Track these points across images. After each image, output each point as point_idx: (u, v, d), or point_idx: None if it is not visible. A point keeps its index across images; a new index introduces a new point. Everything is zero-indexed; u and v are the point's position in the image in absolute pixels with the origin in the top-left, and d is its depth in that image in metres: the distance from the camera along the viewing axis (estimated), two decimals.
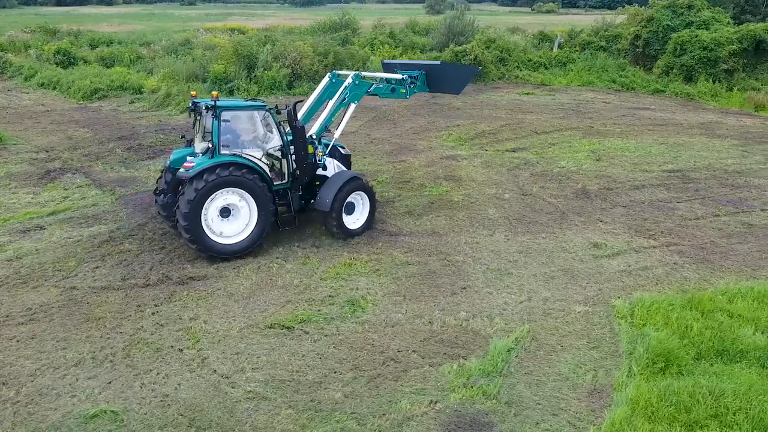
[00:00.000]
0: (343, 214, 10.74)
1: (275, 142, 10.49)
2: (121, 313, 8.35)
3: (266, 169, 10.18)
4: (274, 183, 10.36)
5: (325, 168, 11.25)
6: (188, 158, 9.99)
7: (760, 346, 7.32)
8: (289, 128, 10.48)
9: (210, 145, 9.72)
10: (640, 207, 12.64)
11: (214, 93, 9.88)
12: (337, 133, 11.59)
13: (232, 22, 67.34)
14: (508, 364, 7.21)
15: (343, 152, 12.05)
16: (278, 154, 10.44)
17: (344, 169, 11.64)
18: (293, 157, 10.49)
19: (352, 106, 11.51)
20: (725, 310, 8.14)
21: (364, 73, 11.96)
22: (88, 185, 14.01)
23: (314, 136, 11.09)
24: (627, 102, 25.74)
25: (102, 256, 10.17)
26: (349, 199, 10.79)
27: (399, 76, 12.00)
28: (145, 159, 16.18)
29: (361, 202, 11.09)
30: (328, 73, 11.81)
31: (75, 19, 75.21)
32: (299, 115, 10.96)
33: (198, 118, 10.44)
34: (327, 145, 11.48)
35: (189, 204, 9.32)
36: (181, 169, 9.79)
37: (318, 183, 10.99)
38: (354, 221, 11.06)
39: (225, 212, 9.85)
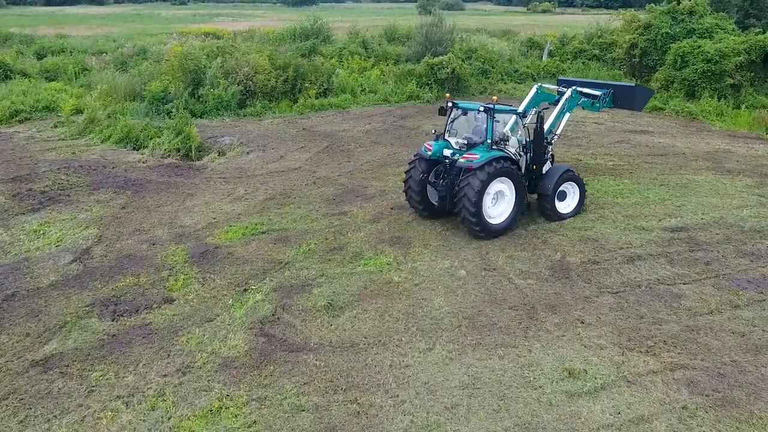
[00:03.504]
0: (557, 200, 12.58)
1: (518, 141, 12.38)
2: None
3: (520, 161, 12.21)
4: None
5: (546, 163, 12.91)
6: (446, 152, 11.92)
7: None
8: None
9: (468, 139, 11.91)
10: (634, 294, 9.62)
11: (494, 98, 11.86)
12: (557, 136, 13.63)
13: (217, 23, 64.26)
14: None
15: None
16: (521, 150, 12.40)
17: (557, 164, 13.31)
18: (531, 154, 12.42)
19: (567, 115, 13.88)
20: None
21: (578, 89, 14.04)
22: None
23: (547, 138, 12.97)
24: (622, 122, 22.75)
25: None
26: (561, 188, 12.66)
27: (598, 93, 14.13)
28: (27, 212, 13.12)
29: (572, 191, 12.94)
30: (534, 86, 14.29)
31: (59, 20, 72.22)
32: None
33: (456, 116, 12.37)
34: (551, 144, 13.26)
35: (477, 190, 11.00)
36: (462, 160, 11.34)
37: (535, 176, 12.63)
38: (565, 207, 12.83)
39: (494, 197, 11.60)
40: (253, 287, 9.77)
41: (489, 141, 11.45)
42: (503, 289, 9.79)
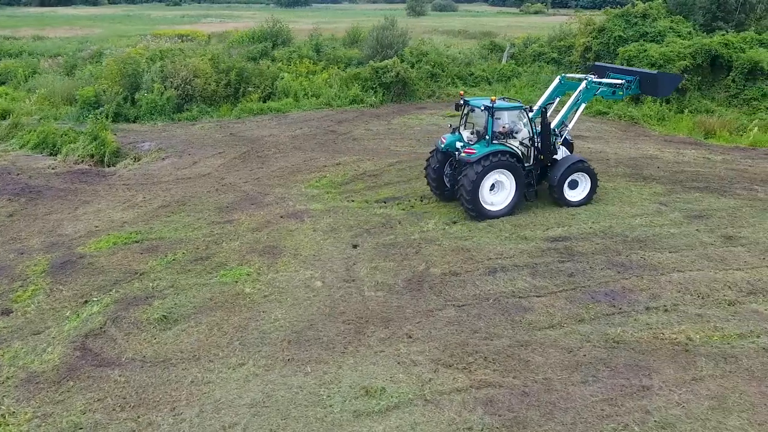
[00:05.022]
0: (567, 189, 13.56)
1: (526, 133, 13.29)
2: None
3: (521, 153, 13.02)
4: (524, 165, 13.09)
5: (556, 153, 13.79)
6: (459, 144, 12.97)
7: None
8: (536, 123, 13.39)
9: (477, 133, 13.05)
10: (480, 307, 9.45)
11: (493, 98, 12.59)
12: (569, 126, 14.25)
13: (204, 24, 64.09)
14: None
15: (568, 140, 14.52)
16: (527, 142, 13.26)
17: (569, 153, 14.16)
18: (538, 145, 13.31)
19: (583, 106, 14.27)
20: None
21: (595, 79, 14.23)
22: None
23: (555, 129, 13.87)
24: None
25: None
26: (574, 178, 13.55)
27: (620, 81, 14.34)
28: None
29: (584, 181, 13.71)
30: (558, 76, 14.70)
31: (46, 21, 72.15)
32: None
33: (467, 112, 13.42)
34: (562, 136, 14.03)
35: (472, 181, 12.30)
36: (463, 154, 12.59)
37: (549, 165, 13.63)
38: (575, 195, 13.71)
39: (492, 187, 12.81)
40: (94, 299, 9.66)
41: (488, 137, 12.51)
42: (349, 301, 9.63)
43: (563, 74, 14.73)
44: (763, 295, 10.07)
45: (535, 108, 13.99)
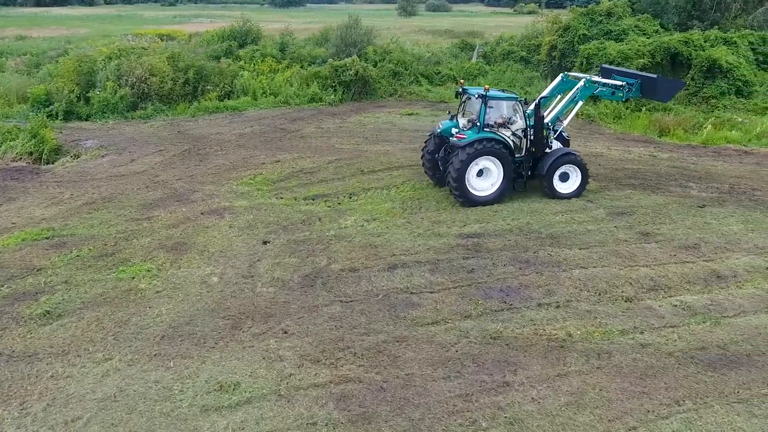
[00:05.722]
0: (558, 181, 13.89)
1: (519, 125, 13.80)
2: None
3: (512, 144, 13.47)
4: (515, 155, 13.58)
5: (550, 147, 14.11)
6: (453, 130, 13.47)
7: None
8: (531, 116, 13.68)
9: (472, 120, 13.51)
10: (367, 303, 9.39)
11: (486, 86, 13.27)
12: (565, 123, 14.64)
13: (195, 24, 64.11)
14: None
15: (564, 136, 14.90)
16: (520, 134, 13.74)
17: (562, 147, 14.38)
18: (531, 137, 13.64)
19: (580, 103, 14.71)
20: None
21: (593, 78, 14.50)
22: None
23: (549, 124, 14.19)
24: None
25: None
26: (564, 170, 13.89)
27: (620, 83, 14.25)
28: None
29: (574, 174, 14.04)
30: (560, 74, 15.10)
31: (37, 21, 72.13)
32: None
33: (465, 100, 14.09)
34: (556, 131, 14.34)
35: (459, 165, 12.81)
36: (454, 139, 13.23)
37: (541, 158, 13.88)
38: (566, 188, 14.02)
39: (480, 173, 13.29)
40: None
41: (479, 124, 13.06)
42: (239, 297, 9.59)
43: (565, 72, 15.10)
44: (664, 291, 10.03)
45: (532, 105, 14.08)
